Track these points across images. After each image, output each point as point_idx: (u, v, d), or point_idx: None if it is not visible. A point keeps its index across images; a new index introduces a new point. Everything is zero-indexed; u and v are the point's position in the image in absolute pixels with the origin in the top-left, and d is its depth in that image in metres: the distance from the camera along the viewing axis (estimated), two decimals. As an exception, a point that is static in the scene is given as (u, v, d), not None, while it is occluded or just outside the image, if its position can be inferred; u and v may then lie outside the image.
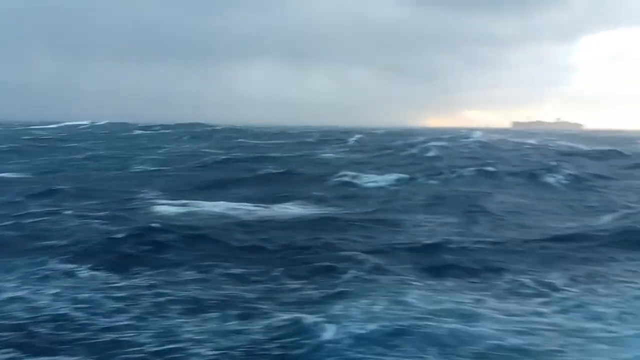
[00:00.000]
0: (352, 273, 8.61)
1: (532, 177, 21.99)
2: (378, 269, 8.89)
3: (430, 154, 33.37)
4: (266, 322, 6.69)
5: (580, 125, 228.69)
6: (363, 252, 9.91)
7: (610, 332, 6.50)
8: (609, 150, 36.52)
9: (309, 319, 6.59)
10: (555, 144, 46.01)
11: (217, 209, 14.82)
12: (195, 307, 7.22)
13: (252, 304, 7.38)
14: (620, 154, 34.50)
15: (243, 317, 6.89)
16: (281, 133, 65.04)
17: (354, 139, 50.94)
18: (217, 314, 6.99)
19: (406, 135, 61.89)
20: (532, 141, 48.60)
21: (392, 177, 21.88)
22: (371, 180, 21.22)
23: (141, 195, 17.35)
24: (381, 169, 24.77)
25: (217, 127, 66.55)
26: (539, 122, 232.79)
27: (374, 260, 9.36)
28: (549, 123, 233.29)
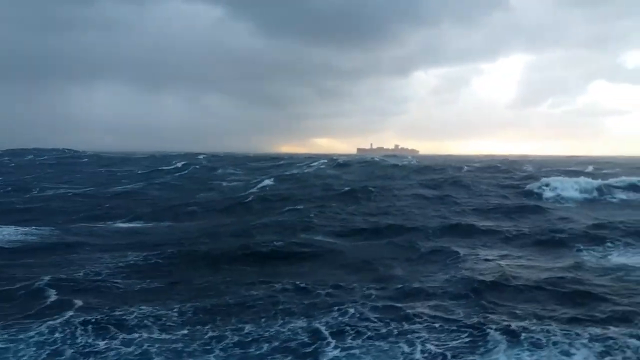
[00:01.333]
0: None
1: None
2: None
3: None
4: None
5: (416, 151, 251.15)
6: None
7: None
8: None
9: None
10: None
11: None
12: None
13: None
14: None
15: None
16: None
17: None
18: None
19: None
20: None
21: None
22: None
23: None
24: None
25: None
26: (380, 149, 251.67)
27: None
28: (389, 149, 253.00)
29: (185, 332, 7.79)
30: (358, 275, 11.14)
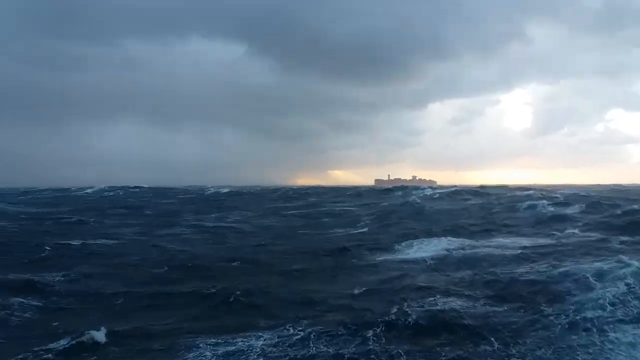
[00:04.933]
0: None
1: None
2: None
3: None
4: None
5: (434, 181, 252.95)
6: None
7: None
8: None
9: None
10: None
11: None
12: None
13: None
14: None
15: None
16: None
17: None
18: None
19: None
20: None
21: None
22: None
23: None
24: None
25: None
26: (397, 180, 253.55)
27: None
28: (407, 180, 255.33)
29: None
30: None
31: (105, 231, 27.52)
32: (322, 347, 9.07)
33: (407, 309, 10.80)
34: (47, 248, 19.71)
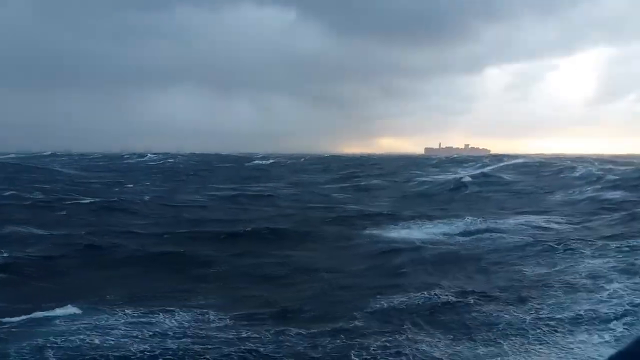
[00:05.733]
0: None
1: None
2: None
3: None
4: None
5: (488, 150, 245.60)
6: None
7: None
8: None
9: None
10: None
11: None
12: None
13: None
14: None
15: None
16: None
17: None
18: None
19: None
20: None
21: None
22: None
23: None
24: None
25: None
26: (449, 148, 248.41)
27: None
28: (459, 149, 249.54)
29: None
30: None
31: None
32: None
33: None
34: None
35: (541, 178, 40.62)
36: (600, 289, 10.10)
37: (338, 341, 7.96)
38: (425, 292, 10.28)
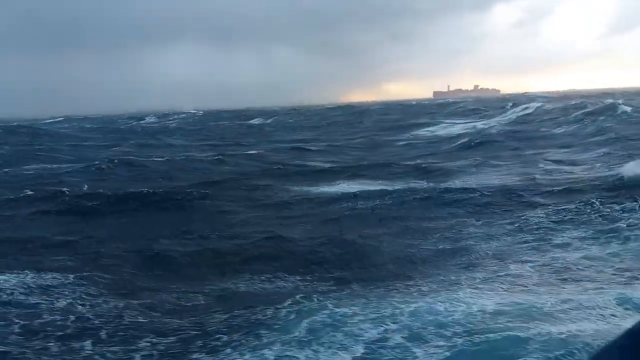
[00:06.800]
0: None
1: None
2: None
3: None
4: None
5: (498, 90, 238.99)
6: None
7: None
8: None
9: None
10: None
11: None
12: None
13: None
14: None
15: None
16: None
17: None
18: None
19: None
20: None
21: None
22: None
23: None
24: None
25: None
26: (458, 91, 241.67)
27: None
28: (468, 90, 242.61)
29: None
30: None
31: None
32: None
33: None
34: None
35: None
36: None
37: None
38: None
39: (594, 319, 6.11)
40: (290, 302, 7.15)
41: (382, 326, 6.22)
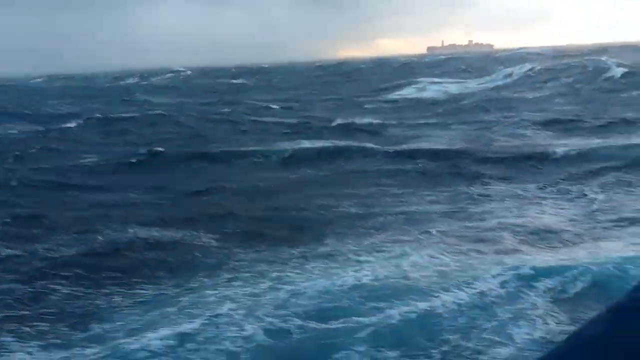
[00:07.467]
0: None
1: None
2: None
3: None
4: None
5: (492, 45, 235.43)
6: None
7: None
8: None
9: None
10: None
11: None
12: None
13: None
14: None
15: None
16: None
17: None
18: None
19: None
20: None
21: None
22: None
23: None
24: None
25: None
26: (452, 46, 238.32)
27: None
28: (462, 46, 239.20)
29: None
30: None
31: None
32: None
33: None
34: None
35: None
36: None
37: None
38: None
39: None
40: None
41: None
